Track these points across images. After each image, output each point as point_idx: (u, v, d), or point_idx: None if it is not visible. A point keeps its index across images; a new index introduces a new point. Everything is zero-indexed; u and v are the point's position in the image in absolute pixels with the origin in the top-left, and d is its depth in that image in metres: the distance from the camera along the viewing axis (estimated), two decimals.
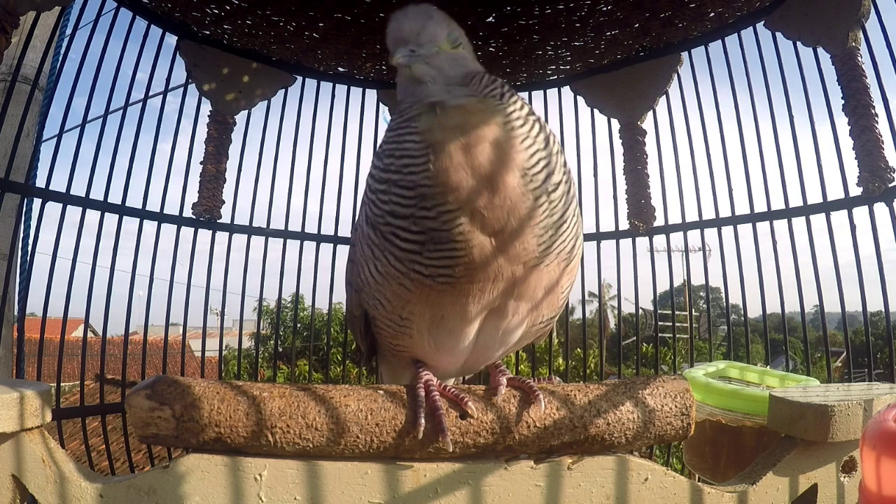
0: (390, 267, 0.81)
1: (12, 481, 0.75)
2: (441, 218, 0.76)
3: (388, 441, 0.80)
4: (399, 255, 0.80)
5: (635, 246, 1.91)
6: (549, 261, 0.81)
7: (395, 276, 0.82)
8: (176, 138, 1.81)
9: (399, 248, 0.79)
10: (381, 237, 0.81)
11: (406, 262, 0.79)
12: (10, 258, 1.64)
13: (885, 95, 1.42)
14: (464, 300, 0.81)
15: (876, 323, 4.08)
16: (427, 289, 0.80)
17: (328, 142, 2.04)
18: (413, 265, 0.79)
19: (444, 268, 0.78)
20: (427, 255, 0.78)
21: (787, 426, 0.91)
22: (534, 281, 0.82)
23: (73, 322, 1.79)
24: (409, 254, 0.79)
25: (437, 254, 0.77)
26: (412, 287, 0.81)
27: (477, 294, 0.81)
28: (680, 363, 2.72)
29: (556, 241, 0.81)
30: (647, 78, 1.85)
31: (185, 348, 2.11)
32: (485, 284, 0.79)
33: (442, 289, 0.79)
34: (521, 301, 0.85)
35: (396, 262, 0.80)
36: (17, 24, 1.30)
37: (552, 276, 0.85)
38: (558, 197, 0.80)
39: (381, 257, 0.82)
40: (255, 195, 1.95)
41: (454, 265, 0.77)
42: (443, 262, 0.77)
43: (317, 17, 1.65)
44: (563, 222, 0.81)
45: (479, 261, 0.77)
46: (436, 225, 0.76)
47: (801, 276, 1.60)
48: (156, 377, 0.82)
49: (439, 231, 0.76)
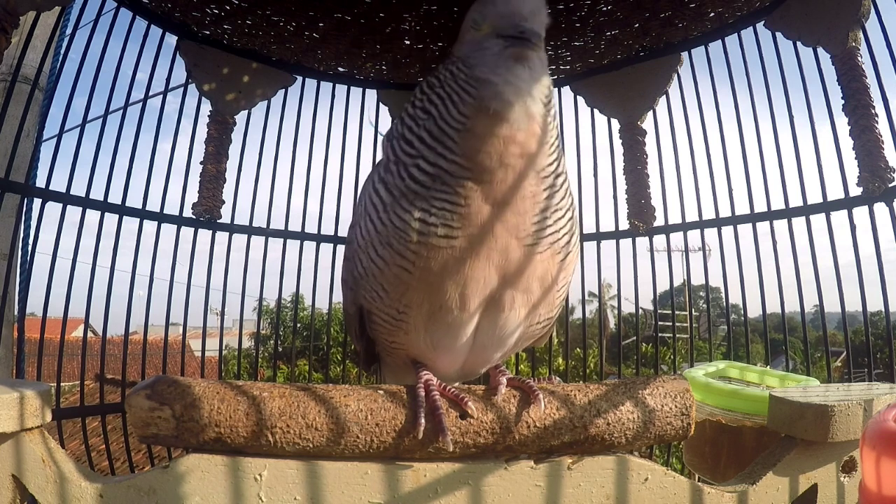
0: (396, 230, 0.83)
1: (12, 481, 0.75)
2: (454, 168, 0.81)
3: (388, 441, 0.80)
4: (412, 193, 0.82)
5: (635, 246, 1.91)
6: (543, 247, 0.85)
7: (397, 250, 0.83)
8: (176, 138, 1.81)
9: (414, 180, 0.83)
10: (400, 174, 0.84)
11: (416, 203, 0.82)
12: (10, 258, 1.64)
13: (885, 95, 1.42)
14: (461, 279, 0.83)
15: (876, 323, 4.07)
16: (427, 260, 0.81)
17: (328, 142, 2.04)
18: (420, 210, 0.81)
19: (445, 212, 0.81)
20: (434, 196, 0.81)
21: (787, 426, 0.91)
22: (528, 267, 0.85)
23: (73, 322, 1.79)
24: (421, 186, 0.82)
25: (442, 196, 0.81)
26: (411, 267, 0.82)
27: (474, 270, 0.83)
28: (680, 363, 2.72)
29: (550, 225, 0.85)
30: (647, 78, 1.85)
31: (185, 348, 2.11)
32: (480, 251, 0.82)
33: (441, 254, 0.81)
34: (516, 292, 0.86)
35: (407, 210, 0.82)
36: (17, 24, 1.30)
37: (546, 267, 0.86)
38: (558, 185, 0.87)
39: (390, 216, 0.84)
40: (255, 195, 1.94)
41: (453, 213, 0.80)
42: (444, 205, 0.81)
43: (317, 17, 1.64)
44: (558, 209, 0.86)
45: (476, 217, 0.81)
46: (447, 167, 0.81)
47: (801, 276, 1.60)
48: (156, 377, 0.82)
49: (448, 175, 0.81)
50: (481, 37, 0.85)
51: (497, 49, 0.83)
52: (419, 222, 0.81)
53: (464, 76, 0.83)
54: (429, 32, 1.70)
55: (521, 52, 0.82)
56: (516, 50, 0.82)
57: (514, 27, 0.82)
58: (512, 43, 0.82)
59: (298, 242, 2.00)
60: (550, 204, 0.85)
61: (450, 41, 1.74)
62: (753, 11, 1.64)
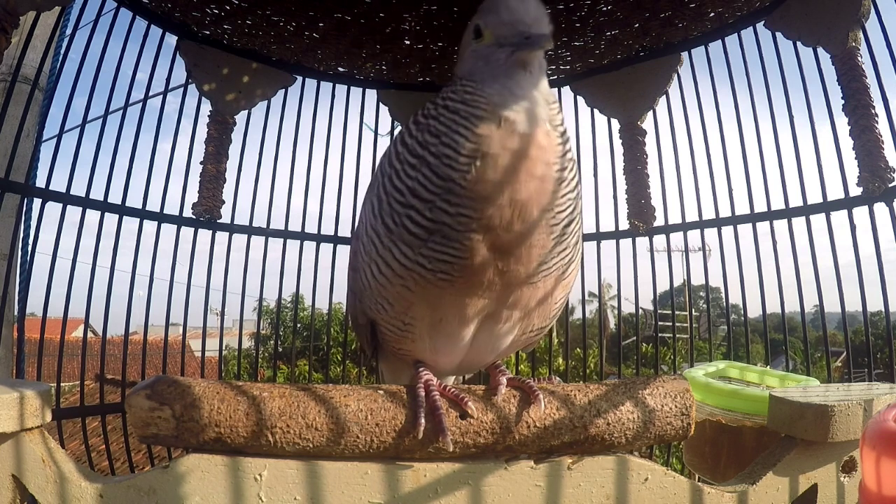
0: (395, 261, 0.81)
1: (12, 481, 0.75)
2: (457, 219, 0.76)
3: (388, 441, 0.80)
4: (408, 240, 0.79)
5: (635, 246, 1.91)
6: (545, 277, 0.84)
7: (398, 273, 0.82)
8: (176, 138, 1.81)
9: (408, 232, 0.79)
10: (392, 218, 0.80)
11: (414, 248, 0.79)
12: (10, 258, 1.64)
13: (885, 95, 1.42)
14: (461, 303, 0.83)
15: (876, 323, 4.07)
16: (427, 285, 0.81)
17: (328, 142, 2.04)
18: (418, 256, 0.79)
19: (445, 263, 0.78)
20: (431, 247, 0.78)
21: (787, 426, 0.91)
22: (527, 294, 0.85)
23: (73, 322, 1.79)
24: (416, 239, 0.79)
25: (441, 248, 0.78)
26: (413, 286, 0.82)
27: (473, 298, 0.82)
28: (680, 363, 2.72)
29: (556, 263, 0.83)
30: (647, 78, 1.85)
31: (185, 348, 2.11)
32: (479, 290, 0.81)
33: (441, 286, 0.80)
34: (514, 310, 0.87)
35: (404, 253, 0.80)
36: (17, 24, 1.30)
37: (546, 289, 0.87)
38: (570, 232, 0.83)
39: (389, 249, 0.81)
40: (255, 195, 1.94)
41: (454, 264, 0.78)
42: (444, 257, 0.78)
43: (317, 17, 1.64)
44: (566, 248, 0.84)
45: (478, 270, 0.78)
46: (449, 222, 0.77)
47: (801, 276, 1.60)
48: (156, 377, 0.82)
49: (450, 229, 0.77)
50: (484, 47, 0.83)
51: (504, 58, 0.80)
52: (418, 266, 0.80)
53: (470, 94, 0.79)
54: (429, 32, 1.70)
55: (528, 55, 0.79)
56: (523, 54, 0.79)
57: (518, 34, 0.80)
58: (518, 49, 0.79)
59: (298, 242, 2.00)
60: (559, 246, 0.82)
61: (450, 41, 1.74)
62: (753, 11, 1.64)
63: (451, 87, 0.83)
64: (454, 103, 0.79)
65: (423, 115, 0.83)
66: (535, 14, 0.82)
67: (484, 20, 0.84)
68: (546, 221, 0.79)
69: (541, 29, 0.81)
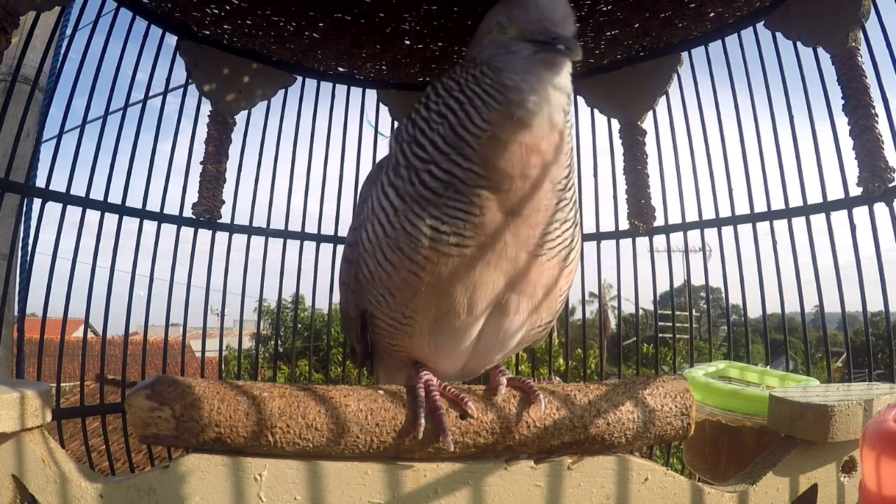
0: (406, 235, 0.82)
1: (12, 481, 0.75)
2: (468, 174, 0.79)
3: (388, 441, 0.80)
4: (425, 197, 0.81)
5: (635, 246, 1.91)
6: (549, 256, 0.85)
7: (407, 254, 0.82)
8: (176, 138, 1.81)
9: (425, 186, 0.81)
10: (410, 178, 0.83)
11: (428, 209, 0.81)
12: (10, 258, 1.64)
13: (885, 95, 1.42)
14: (471, 283, 0.83)
15: (876, 323, 4.07)
16: (439, 263, 0.81)
17: (328, 142, 2.04)
18: (433, 220, 0.80)
19: (459, 221, 0.80)
20: (446, 204, 0.80)
21: (787, 426, 0.91)
22: (534, 275, 0.85)
23: (73, 322, 1.79)
24: (432, 193, 0.81)
25: (455, 204, 0.80)
26: (424, 265, 0.82)
27: (485, 274, 0.82)
28: (680, 363, 2.72)
29: (559, 236, 0.85)
30: (647, 78, 1.85)
31: (185, 348, 2.11)
32: (492, 258, 0.82)
33: (454, 256, 0.81)
34: (521, 297, 0.87)
35: (416, 220, 0.81)
36: (17, 24, 1.30)
37: (551, 275, 0.87)
38: (568, 198, 0.87)
39: (401, 223, 0.83)
40: (255, 195, 1.95)
41: (466, 222, 0.80)
42: (458, 213, 0.80)
43: (317, 17, 1.64)
44: (566, 220, 0.86)
45: (489, 227, 0.80)
46: (461, 175, 0.79)
47: (801, 276, 1.60)
48: (156, 377, 0.82)
49: (462, 183, 0.80)
50: (507, 40, 0.83)
51: (527, 53, 0.80)
52: (431, 229, 0.80)
53: (489, 81, 0.80)
54: (429, 32, 1.70)
55: (554, 57, 0.80)
56: (549, 55, 0.80)
57: (545, 32, 0.80)
58: (543, 48, 0.80)
59: (298, 242, 2.00)
60: (561, 216, 0.85)
61: (450, 41, 1.74)
62: (753, 11, 1.64)
63: (469, 68, 0.85)
64: (473, 86, 0.81)
65: (444, 87, 0.86)
66: (563, 13, 0.83)
67: (509, 14, 0.84)
68: (550, 184, 0.82)
69: (568, 29, 0.82)
